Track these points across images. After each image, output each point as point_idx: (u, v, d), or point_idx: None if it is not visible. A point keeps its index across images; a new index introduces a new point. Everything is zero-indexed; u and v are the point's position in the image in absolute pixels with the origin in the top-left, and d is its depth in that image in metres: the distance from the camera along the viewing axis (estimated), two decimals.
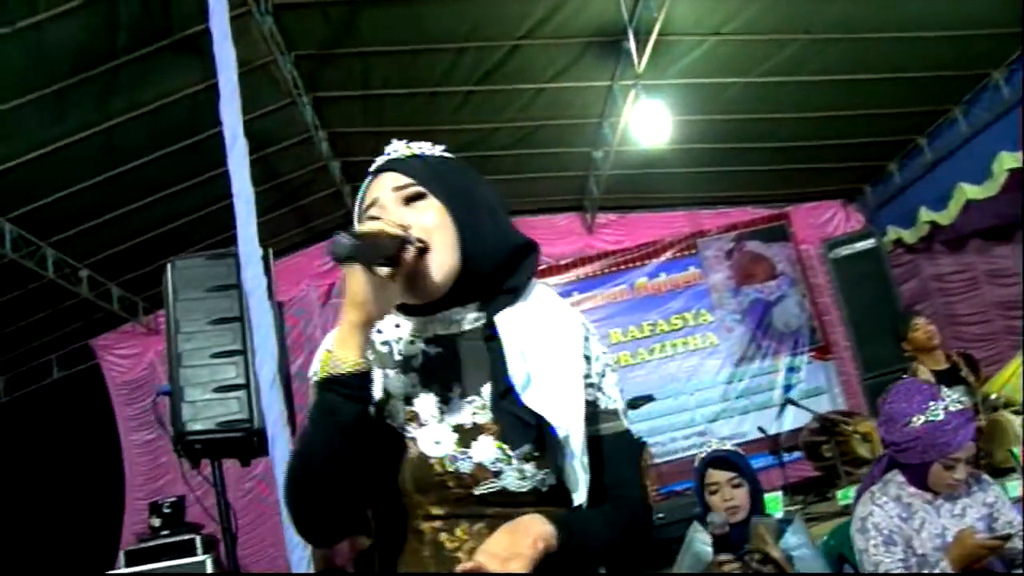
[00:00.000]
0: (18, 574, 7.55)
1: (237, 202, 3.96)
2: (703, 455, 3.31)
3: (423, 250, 1.33)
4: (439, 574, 1.32)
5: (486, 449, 1.32)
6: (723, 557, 2.94)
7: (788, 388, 8.09)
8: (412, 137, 5.02)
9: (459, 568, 1.21)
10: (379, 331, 1.45)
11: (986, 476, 3.03)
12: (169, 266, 4.02)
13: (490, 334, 1.37)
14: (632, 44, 5.52)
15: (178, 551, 5.64)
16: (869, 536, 2.85)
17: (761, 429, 6.40)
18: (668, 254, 8.51)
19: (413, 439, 1.35)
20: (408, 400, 1.38)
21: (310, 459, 1.31)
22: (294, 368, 8.42)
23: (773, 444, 5.86)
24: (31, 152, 5.73)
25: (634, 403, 6.34)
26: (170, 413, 3.84)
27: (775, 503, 4.62)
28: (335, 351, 1.27)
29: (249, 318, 3.62)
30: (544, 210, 8.52)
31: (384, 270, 1.28)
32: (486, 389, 1.36)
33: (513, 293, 1.41)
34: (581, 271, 8.54)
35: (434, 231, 1.35)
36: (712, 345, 8.32)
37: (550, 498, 1.33)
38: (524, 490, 1.31)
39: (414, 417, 1.36)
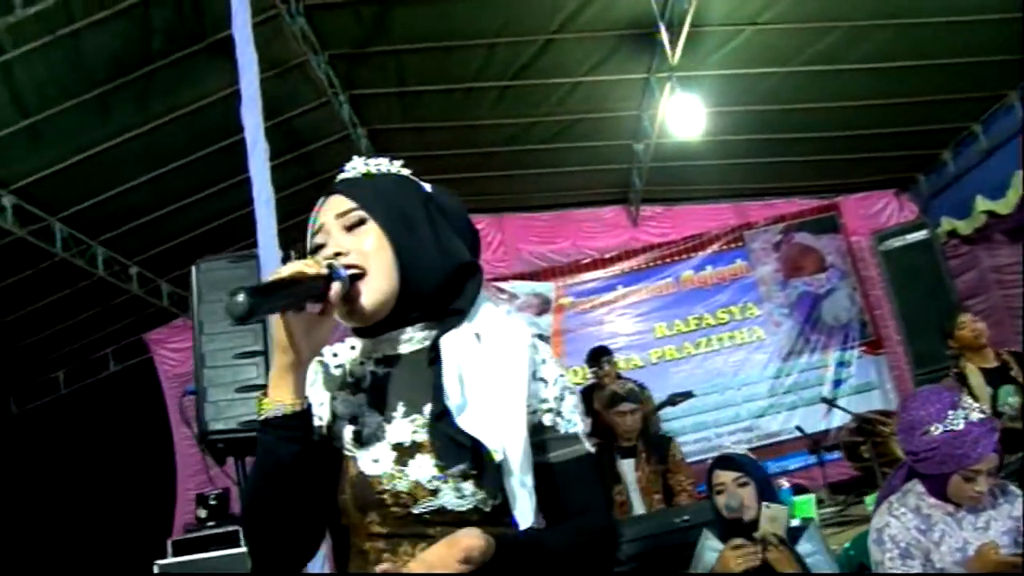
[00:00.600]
0: (74, 562, 7.78)
1: (257, 205, 4.02)
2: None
3: (359, 276, 1.35)
4: (361, 574, 1.34)
5: (423, 467, 1.32)
6: (737, 541, 2.91)
7: (838, 383, 7.91)
8: (450, 133, 5.12)
9: (379, 568, 1.24)
10: (335, 355, 1.49)
11: (1014, 487, 2.90)
12: (194, 268, 4.09)
13: (434, 356, 1.37)
14: (665, 36, 5.43)
15: (222, 542, 5.75)
16: (885, 548, 2.75)
17: (799, 428, 6.27)
18: (714, 247, 8.37)
19: (354, 458, 1.36)
20: (354, 420, 1.40)
21: (257, 498, 1.35)
22: None
23: (813, 443, 5.73)
24: (77, 155, 5.91)
25: (673, 399, 6.26)
26: (195, 412, 3.92)
27: (807, 505, 4.52)
28: (269, 395, 1.30)
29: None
30: (589, 203, 8.47)
31: (314, 307, 1.30)
32: (427, 408, 1.35)
33: (460, 314, 1.40)
34: (626, 264, 8.44)
35: (371, 256, 1.37)
36: (759, 339, 8.16)
37: (494, 518, 1.32)
38: (463, 508, 1.31)
39: (357, 436, 1.38)
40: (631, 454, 4.82)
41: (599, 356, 6.36)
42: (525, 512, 1.31)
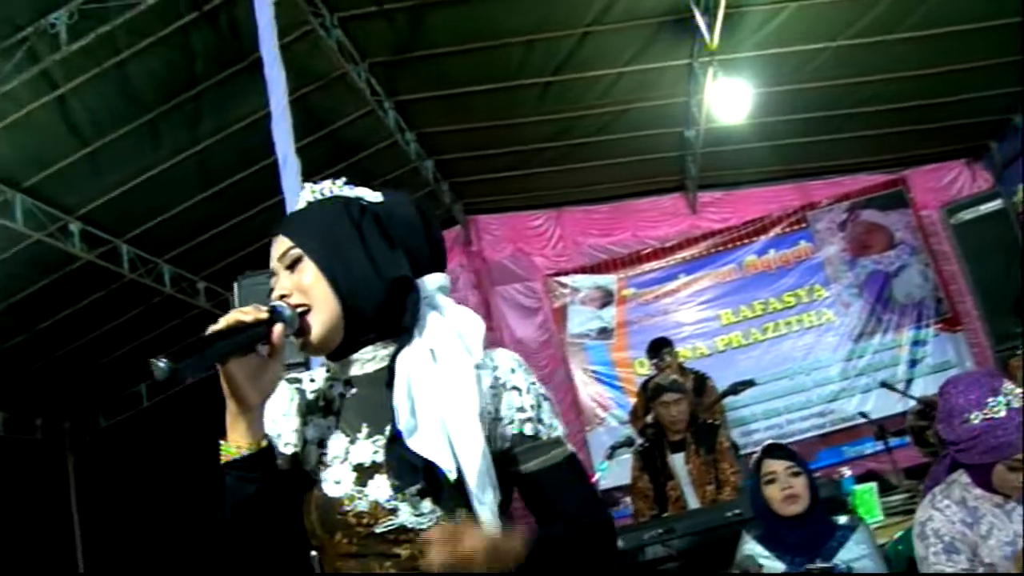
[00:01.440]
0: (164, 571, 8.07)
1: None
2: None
3: (306, 311, 1.38)
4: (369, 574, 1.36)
5: (380, 487, 1.34)
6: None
7: (913, 364, 7.64)
8: (497, 132, 5.12)
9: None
10: (312, 380, 1.51)
11: None
12: (236, 284, 4.18)
13: (391, 376, 1.38)
14: (701, 20, 5.32)
15: None
16: (928, 543, 2.63)
17: (862, 414, 6.08)
18: (777, 229, 8.16)
19: (318, 481, 1.39)
20: (321, 443, 1.43)
21: (229, 532, 1.38)
22: None
23: (879, 429, 5.54)
24: (135, 178, 6.13)
25: (735, 388, 6.13)
26: None
27: (868, 495, 4.38)
28: (227, 438, 1.33)
29: None
30: (647, 192, 8.37)
31: (262, 349, 1.33)
32: (388, 429, 1.36)
33: (408, 332, 1.41)
34: (687, 252, 8.31)
35: (311, 290, 1.39)
36: (828, 321, 7.93)
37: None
38: (424, 526, 1.32)
39: (323, 459, 1.41)
40: (681, 447, 4.75)
41: (659, 348, 6.29)
42: (488, 527, 1.30)
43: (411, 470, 1.30)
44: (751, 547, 3.01)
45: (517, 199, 8.52)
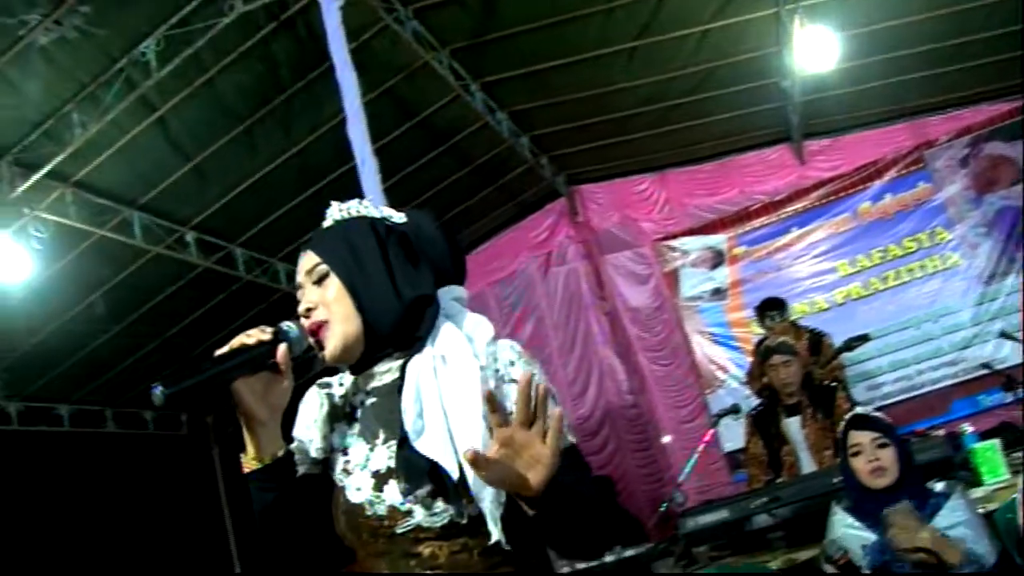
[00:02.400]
0: None
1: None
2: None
3: (326, 324, 1.47)
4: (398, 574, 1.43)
5: (394, 492, 1.42)
6: None
7: None
8: (588, 102, 5.14)
9: None
10: (341, 384, 1.61)
11: None
12: None
13: (402, 383, 1.45)
14: None
15: None
16: None
17: (986, 365, 5.75)
18: (892, 172, 7.75)
19: (343, 488, 1.48)
20: (345, 451, 1.52)
21: (260, 538, 1.48)
22: (524, 336, 8.81)
23: (1007, 380, 5.23)
24: (239, 184, 6.41)
25: (849, 344, 5.89)
26: None
27: (991, 452, 4.16)
28: (246, 451, 1.44)
29: None
30: (750, 147, 8.12)
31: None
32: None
33: (421, 340, 1.47)
34: (798, 204, 8.02)
35: (333, 304, 1.47)
36: (955, 265, 7.49)
37: (473, 528, 1.39)
38: (439, 525, 1.39)
39: (347, 467, 1.49)
40: (796, 411, 4.61)
41: (764, 311, 6.12)
42: (493, 525, 1.36)
43: (418, 473, 1.37)
44: (841, 518, 2.94)
45: (619, 165, 8.44)
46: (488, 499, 1.36)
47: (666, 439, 8.20)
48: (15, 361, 6.82)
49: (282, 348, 1.42)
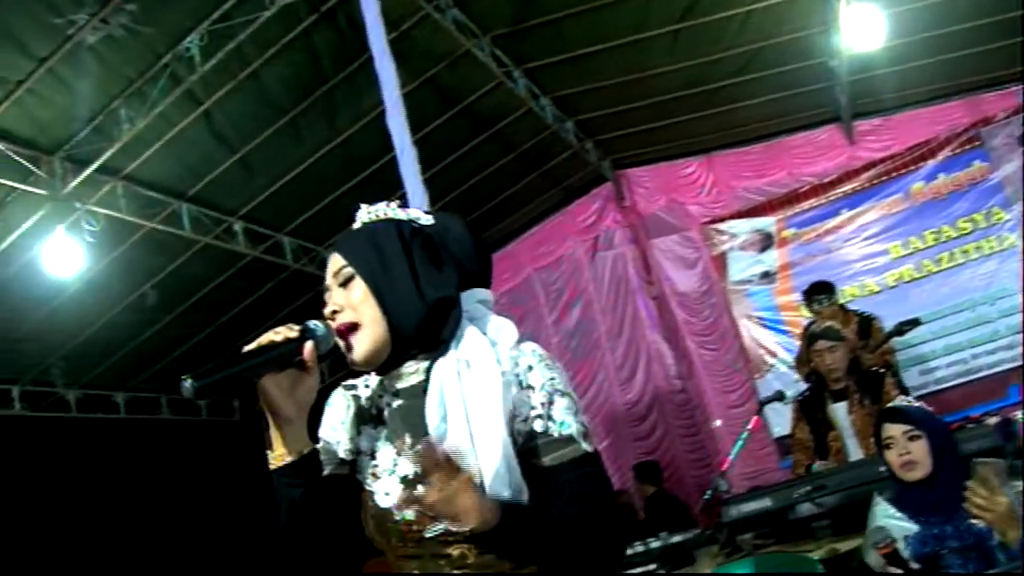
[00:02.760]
0: None
1: (412, 207, 4.20)
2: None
3: (355, 327, 1.48)
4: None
5: None
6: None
7: None
8: (632, 86, 5.13)
9: None
10: (367, 386, 1.62)
11: None
12: None
13: (427, 386, 1.47)
14: None
15: None
16: None
17: None
18: (946, 151, 7.55)
19: (371, 492, 1.50)
20: (372, 455, 1.54)
21: (285, 534, 1.51)
22: (572, 321, 8.81)
23: None
24: (285, 174, 6.50)
25: (900, 329, 5.77)
26: None
27: None
28: (272, 448, 1.46)
29: None
30: (799, 128, 7.96)
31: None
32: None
33: (445, 343, 1.49)
34: (848, 186, 7.86)
35: (360, 307, 1.49)
36: (1012, 246, 7.25)
37: (498, 533, 1.37)
38: (466, 529, 1.37)
39: (375, 471, 1.52)
40: (842, 396, 4.55)
41: (812, 295, 6.02)
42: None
43: None
44: (883, 509, 2.89)
45: (665, 149, 8.36)
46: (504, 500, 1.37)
47: (716, 423, 8.14)
48: (72, 351, 7.02)
49: (309, 345, 1.43)
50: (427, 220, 1.60)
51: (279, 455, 1.44)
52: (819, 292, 6.00)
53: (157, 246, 6.37)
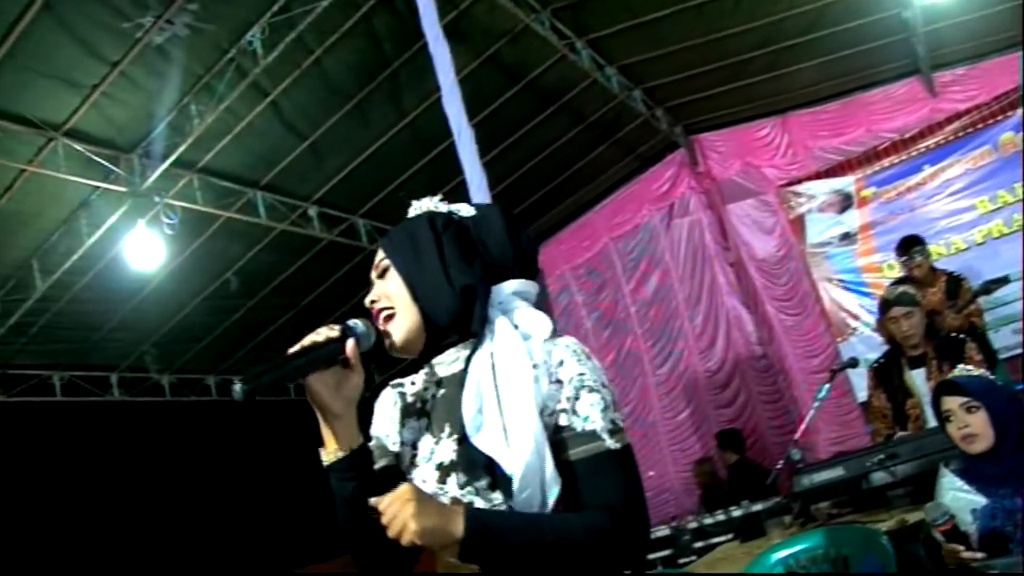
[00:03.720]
0: None
1: (471, 189, 4.26)
2: None
3: (391, 316, 1.55)
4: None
5: (455, 485, 1.47)
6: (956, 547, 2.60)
7: None
8: (699, 51, 5.13)
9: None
10: (412, 383, 1.67)
11: None
12: None
13: (465, 376, 1.50)
14: None
15: None
16: None
17: None
18: None
19: (410, 480, 1.54)
20: (414, 445, 1.60)
21: (342, 528, 1.55)
22: (649, 290, 8.76)
23: None
24: (356, 158, 6.62)
25: (987, 287, 5.55)
26: None
27: None
28: (324, 444, 1.51)
29: None
30: (876, 83, 7.69)
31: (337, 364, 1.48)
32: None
33: (478, 336, 1.52)
34: (930, 140, 7.55)
35: (394, 296, 1.56)
36: None
37: None
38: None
39: (415, 460, 1.58)
40: (920, 362, 4.42)
41: (907, 247, 5.83)
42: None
43: (476, 467, 1.43)
44: (950, 481, 2.82)
45: (738, 112, 8.19)
46: (528, 499, 1.39)
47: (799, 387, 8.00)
48: (162, 338, 7.32)
49: (350, 343, 1.48)
50: (467, 212, 1.63)
51: (331, 451, 1.48)
52: (913, 245, 5.82)
53: (235, 235, 6.58)
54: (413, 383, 1.66)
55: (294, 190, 6.62)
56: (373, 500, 1.33)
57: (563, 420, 1.44)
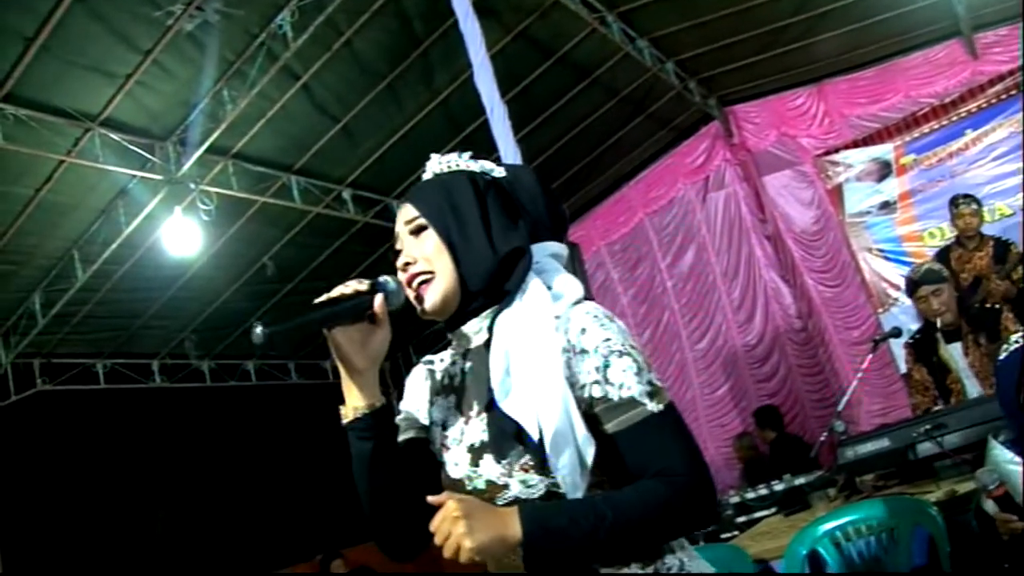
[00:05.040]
0: None
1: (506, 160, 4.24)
2: None
3: (428, 279, 1.46)
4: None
5: (490, 466, 1.40)
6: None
7: None
8: (733, 19, 5.05)
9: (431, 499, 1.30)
10: (442, 360, 1.62)
11: None
12: None
13: (490, 341, 1.45)
14: None
15: None
16: None
17: None
18: None
19: (443, 463, 1.50)
20: (444, 425, 1.54)
21: (359, 490, 1.50)
22: (686, 264, 8.69)
23: None
24: (389, 139, 6.61)
25: None
26: None
27: None
28: (345, 402, 1.46)
29: None
30: (914, 47, 7.53)
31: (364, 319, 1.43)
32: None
33: (510, 295, 1.45)
34: (972, 104, 7.38)
35: (433, 258, 1.46)
36: None
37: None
38: (536, 496, 1.36)
39: (445, 442, 1.52)
40: (955, 337, 4.32)
41: (955, 201, 5.72)
42: (576, 491, 1.33)
43: (506, 438, 1.36)
44: (1000, 453, 2.76)
45: (772, 81, 8.05)
46: (566, 465, 1.32)
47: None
48: (201, 324, 7.40)
49: (379, 299, 1.41)
50: (499, 172, 1.57)
51: (352, 408, 1.43)
52: (963, 197, 5.71)
53: (271, 219, 6.61)
54: (442, 360, 1.61)
55: (328, 173, 6.64)
56: (432, 498, 1.27)
57: (596, 392, 1.35)
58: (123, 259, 6.45)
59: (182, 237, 5.83)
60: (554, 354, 1.34)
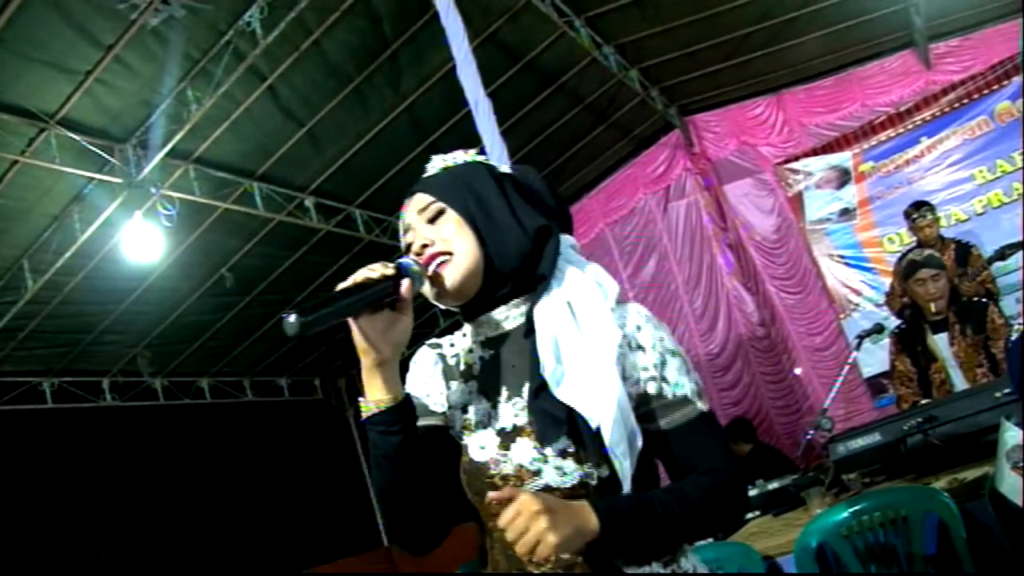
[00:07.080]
0: None
1: (491, 160, 4.14)
2: None
3: (447, 260, 1.40)
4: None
5: (524, 450, 1.36)
6: None
7: None
8: (699, 27, 5.00)
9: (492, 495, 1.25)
10: (452, 344, 1.55)
11: None
12: None
13: (529, 328, 1.39)
14: None
15: None
16: None
17: None
18: None
19: (465, 446, 1.43)
20: (464, 409, 1.47)
21: (377, 485, 1.42)
22: (647, 274, 8.68)
23: None
24: (354, 145, 6.50)
25: (1002, 253, 5.50)
26: None
27: None
28: (365, 394, 1.36)
29: None
30: (870, 57, 7.66)
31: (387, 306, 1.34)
32: (526, 389, 1.39)
33: (545, 280, 1.41)
34: (926, 113, 7.52)
35: (454, 239, 1.41)
36: None
37: (603, 490, 1.34)
38: (567, 486, 1.34)
39: (468, 425, 1.45)
40: (942, 327, 4.38)
41: (914, 210, 5.78)
42: (625, 483, 1.31)
43: (555, 423, 1.32)
44: (1014, 435, 2.75)
45: (732, 91, 8.13)
46: (623, 452, 1.30)
47: (797, 371, 7.97)
48: (156, 339, 7.14)
49: (406, 283, 1.33)
50: (507, 169, 1.55)
51: (377, 400, 1.34)
52: (922, 205, 5.78)
53: (232, 227, 6.42)
54: (452, 344, 1.54)
55: (291, 180, 6.47)
56: (492, 494, 1.23)
57: (651, 388, 1.37)
58: (76, 269, 6.19)
59: (142, 244, 5.61)
60: (613, 346, 1.33)
